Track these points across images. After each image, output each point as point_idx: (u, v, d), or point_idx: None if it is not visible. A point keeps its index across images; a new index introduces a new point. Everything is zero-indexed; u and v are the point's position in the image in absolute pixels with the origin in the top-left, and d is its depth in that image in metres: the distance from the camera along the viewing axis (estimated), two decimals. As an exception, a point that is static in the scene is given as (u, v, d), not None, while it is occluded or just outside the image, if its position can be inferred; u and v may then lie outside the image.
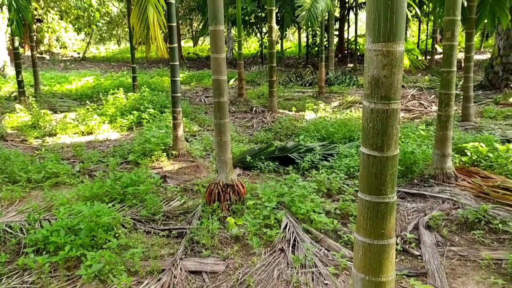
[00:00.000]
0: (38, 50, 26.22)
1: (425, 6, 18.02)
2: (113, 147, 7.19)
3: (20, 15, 8.61)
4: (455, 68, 4.95)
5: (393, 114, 1.93)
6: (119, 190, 4.76)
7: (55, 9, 25.61)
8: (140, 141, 6.84)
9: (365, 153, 2.02)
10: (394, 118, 1.94)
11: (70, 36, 28.02)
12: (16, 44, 9.53)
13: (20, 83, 9.94)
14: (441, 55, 5.27)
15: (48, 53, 26.68)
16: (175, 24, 6.40)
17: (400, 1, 1.84)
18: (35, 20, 24.31)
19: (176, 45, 6.43)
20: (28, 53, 21.91)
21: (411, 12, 19.58)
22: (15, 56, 9.79)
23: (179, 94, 6.63)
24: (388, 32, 1.86)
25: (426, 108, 9.57)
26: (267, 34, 10.59)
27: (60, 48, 29.14)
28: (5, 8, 8.36)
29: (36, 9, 23.45)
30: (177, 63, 6.47)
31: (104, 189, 4.76)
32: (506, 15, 7.81)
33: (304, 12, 10.21)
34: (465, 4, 7.61)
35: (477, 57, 21.90)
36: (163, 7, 5.78)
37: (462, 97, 8.22)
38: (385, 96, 1.91)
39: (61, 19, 26.41)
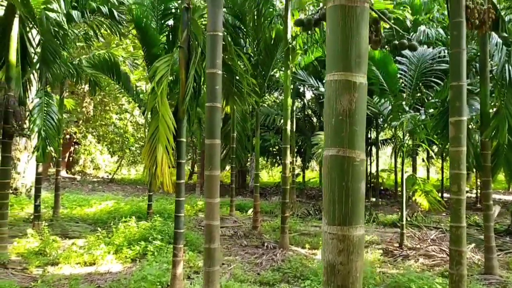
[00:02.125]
0: (73, 170, 27.57)
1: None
2: (110, 282, 6.88)
3: (47, 143, 9.01)
4: (464, 224, 4.67)
5: (351, 309, 1.68)
6: None
7: (93, 133, 27.43)
8: (137, 278, 6.53)
9: None
10: (353, 313, 1.69)
11: (104, 158, 29.56)
12: (40, 169, 9.94)
13: (36, 208, 10.10)
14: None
15: (80, 174, 27.84)
16: (184, 161, 6.54)
17: (355, 183, 1.72)
18: (73, 143, 26.02)
19: (183, 181, 6.50)
20: (62, 173, 22.85)
21: (429, 153, 19.74)
22: (36, 181, 10.14)
23: (182, 230, 6.49)
24: (343, 215, 1.72)
25: (448, 255, 8.94)
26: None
27: (93, 169, 30.48)
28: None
29: (75, 133, 25.20)
30: (183, 198, 6.48)
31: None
32: (523, 163, 7.65)
33: (320, 150, 10.39)
34: (479, 152, 7.56)
35: (506, 197, 21.33)
36: (172, 148, 5.96)
37: (484, 246, 7.70)
38: (342, 286, 1.69)
39: (98, 142, 28.14)
